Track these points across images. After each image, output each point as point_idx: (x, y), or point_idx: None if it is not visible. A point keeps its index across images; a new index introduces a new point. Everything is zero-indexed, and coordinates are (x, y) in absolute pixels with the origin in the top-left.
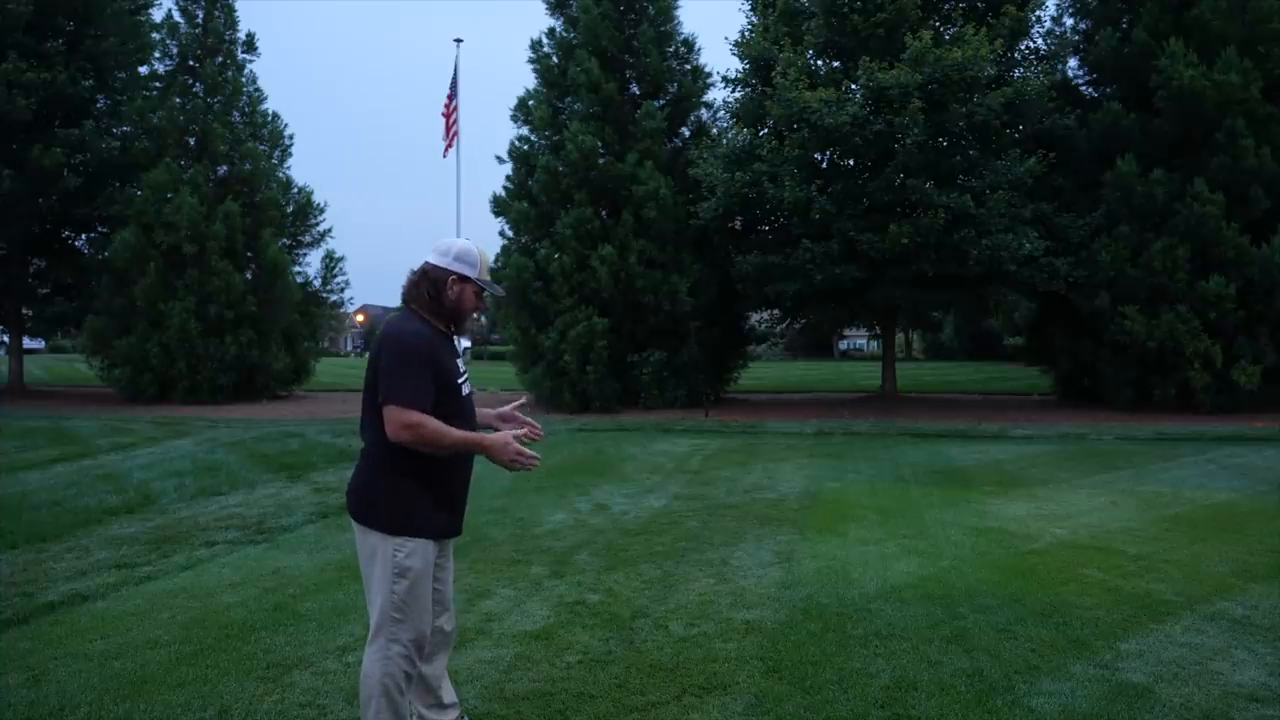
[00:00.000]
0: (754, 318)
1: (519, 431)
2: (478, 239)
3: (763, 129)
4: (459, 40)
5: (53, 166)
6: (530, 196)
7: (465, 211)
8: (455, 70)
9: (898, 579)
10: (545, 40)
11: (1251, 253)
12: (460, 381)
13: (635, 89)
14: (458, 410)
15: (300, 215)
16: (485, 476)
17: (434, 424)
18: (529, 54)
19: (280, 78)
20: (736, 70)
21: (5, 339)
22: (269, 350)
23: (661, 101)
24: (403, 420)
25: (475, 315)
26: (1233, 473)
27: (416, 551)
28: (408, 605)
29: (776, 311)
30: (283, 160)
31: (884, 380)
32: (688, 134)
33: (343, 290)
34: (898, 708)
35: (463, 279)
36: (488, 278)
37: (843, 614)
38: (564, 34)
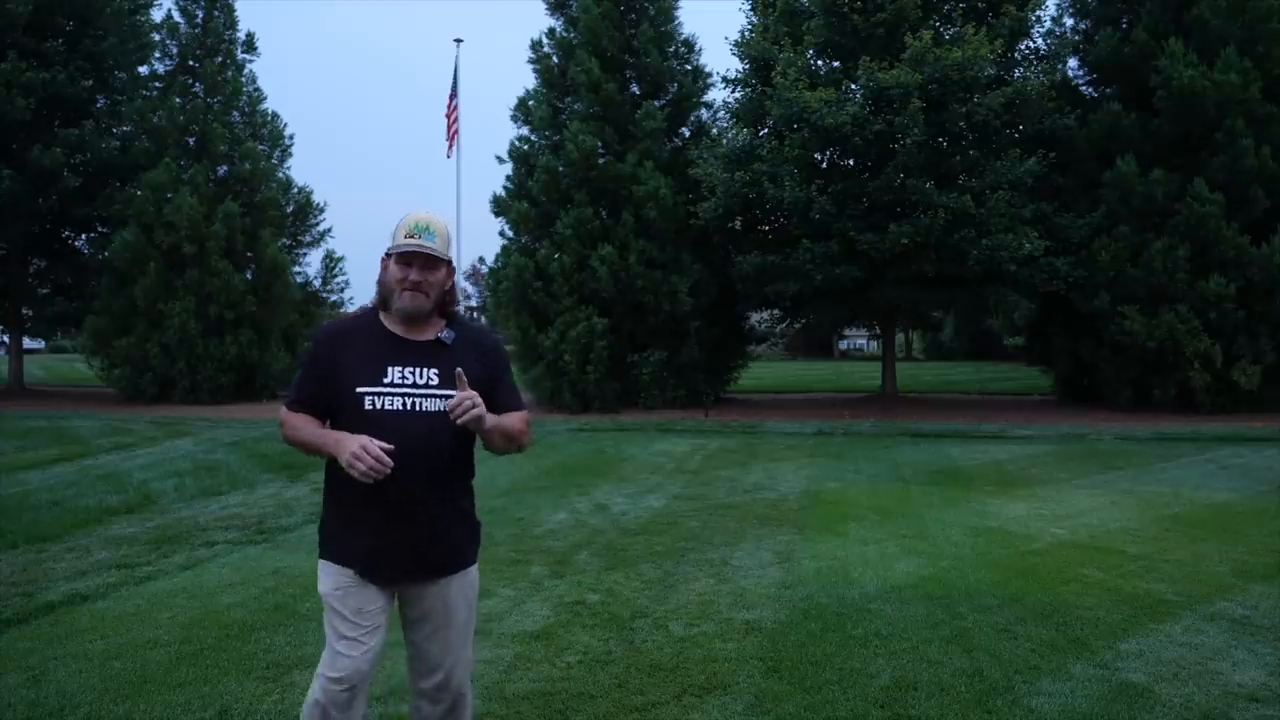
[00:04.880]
0: (754, 318)
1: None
2: (477, 238)
3: (763, 129)
4: (459, 40)
5: (53, 166)
6: (530, 196)
7: (465, 211)
8: (455, 70)
9: (898, 579)
10: (545, 40)
11: (1251, 253)
12: (368, 391)
13: (635, 89)
14: (365, 424)
15: (300, 215)
16: (485, 477)
17: (292, 422)
18: (529, 54)
19: (280, 78)
20: (736, 70)
21: (5, 339)
22: (269, 350)
23: (661, 101)
24: (279, 419)
25: (415, 290)
26: (1233, 473)
27: (327, 578)
28: (328, 635)
29: (776, 311)
30: (283, 160)
31: (884, 380)
32: (688, 134)
33: (343, 290)
34: (898, 708)
35: (386, 256)
36: (406, 240)
37: (843, 614)
38: (564, 34)
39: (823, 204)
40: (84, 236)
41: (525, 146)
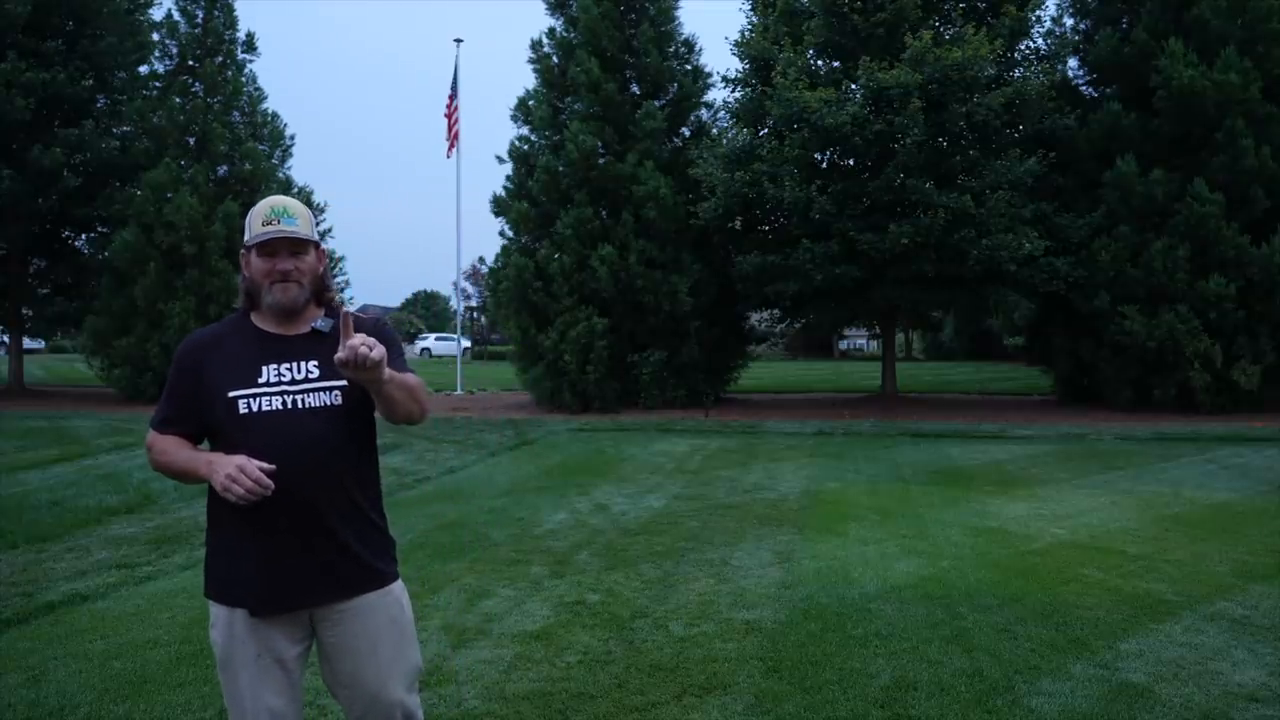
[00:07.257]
0: (754, 318)
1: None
2: (477, 239)
3: (763, 129)
4: (459, 40)
5: (53, 166)
6: (530, 196)
7: (465, 211)
8: (455, 70)
9: (898, 579)
10: (545, 40)
11: (1251, 253)
12: (240, 394)
13: (635, 89)
14: (241, 437)
15: None
16: (485, 477)
17: (160, 445)
18: (529, 54)
19: (281, 78)
20: (736, 70)
21: (5, 339)
22: None
23: (661, 101)
24: (146, 444)
25: (286, 281)
26: (1233, 473)
27: (219, 622)
28: (226, 694)
29: (776, 311)
30: (283, 160)
31: (884, 380)
32: (688, 134)
33: (343, 290)
34: (898, 708)
35: (245, 250)
36: (264, 228)
37: (843, 614)
38: (564, 34)
39: (823, 204)
40: (84, 236)
41: (525, 146)
